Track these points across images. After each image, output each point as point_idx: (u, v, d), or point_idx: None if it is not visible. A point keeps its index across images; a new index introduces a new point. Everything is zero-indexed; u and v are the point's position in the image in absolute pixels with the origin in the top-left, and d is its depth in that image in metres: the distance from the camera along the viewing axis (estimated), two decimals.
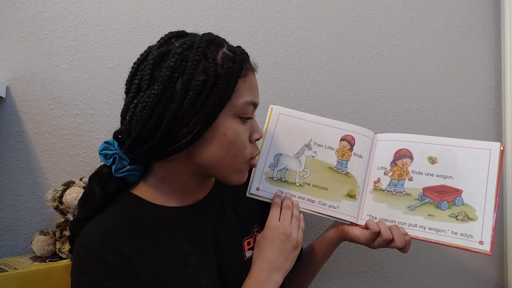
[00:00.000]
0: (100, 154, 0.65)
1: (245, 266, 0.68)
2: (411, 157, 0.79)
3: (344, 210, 0.78)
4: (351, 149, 0.80)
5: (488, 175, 0.74)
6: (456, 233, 0.72)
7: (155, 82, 0.57)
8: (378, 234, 0.74)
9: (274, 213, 0.71)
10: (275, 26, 1.03)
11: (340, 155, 0.79)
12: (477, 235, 0.71)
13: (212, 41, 0.61)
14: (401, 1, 1.12)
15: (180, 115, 0.56)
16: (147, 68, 0.58)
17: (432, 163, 0.77)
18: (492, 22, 1.19)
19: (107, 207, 0.63)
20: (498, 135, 1.18)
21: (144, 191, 0.64)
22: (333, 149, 0.79)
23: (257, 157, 0.76)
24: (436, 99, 1.14)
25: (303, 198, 0.77)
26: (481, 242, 0.70)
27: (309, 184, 0.78)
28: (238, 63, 0.59)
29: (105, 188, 0.63)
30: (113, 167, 0.64)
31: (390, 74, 1.11)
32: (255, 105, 0.63)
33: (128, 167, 0.64)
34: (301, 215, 0.74)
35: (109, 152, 0.64)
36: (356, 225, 0.78)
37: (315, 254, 0.83)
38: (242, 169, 0.64)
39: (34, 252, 0.78)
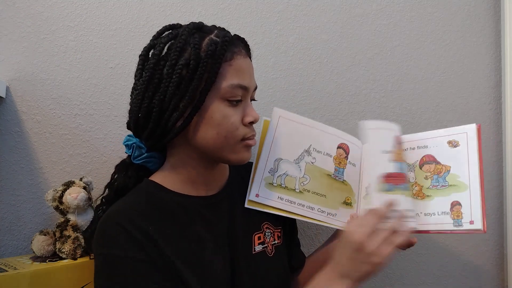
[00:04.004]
0: (125, 146, 0.71)
1: (253, 259, 0.69)
2: None
3: (341, 218, 0.77)
4: (346, 157, 0.80)
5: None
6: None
7: (144, 71, 0.62)
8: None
9: (362, 218, 0.62)
10: (275, 26, 1.03)
11: (337, 162, 0.79)
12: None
13: (200, 29, 0.64)
14: (401, 1, 1.12)
15: (168, 99, 0.60)
16: (139, 60, 0.63)
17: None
18: (492, 22, 1.19)
19: (129, 192, 0.66)
20: (498, 135, 1.18)
21: (160, 178, 0.68)
22: (331, 156, 0.79)
23: (257, 153, 0.77)
24: (436, 99, 1.14)
25: (303, 205, 0.76)
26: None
27: (308, 191, 0.77)
28: (221, 46, 0.60)
29: (126, 174, 0.70)
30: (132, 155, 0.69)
31: (390, 74, 1.11)
32: (244, 88, 0.63)
33: (146, 154, 0.69)
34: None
35: (129, 142, 0.70)
36: None
37: (320, 262, 0.82)
38: (236, 149, 0.65)
39: (34, 252, 0.78)
